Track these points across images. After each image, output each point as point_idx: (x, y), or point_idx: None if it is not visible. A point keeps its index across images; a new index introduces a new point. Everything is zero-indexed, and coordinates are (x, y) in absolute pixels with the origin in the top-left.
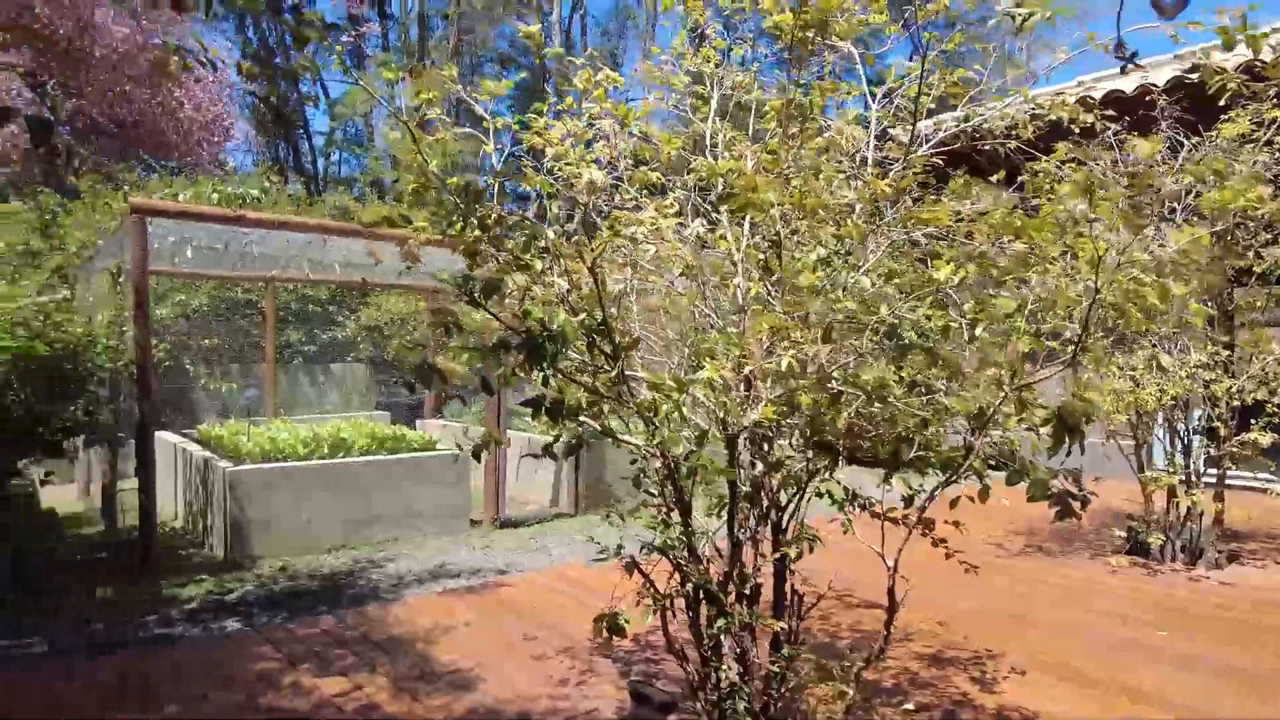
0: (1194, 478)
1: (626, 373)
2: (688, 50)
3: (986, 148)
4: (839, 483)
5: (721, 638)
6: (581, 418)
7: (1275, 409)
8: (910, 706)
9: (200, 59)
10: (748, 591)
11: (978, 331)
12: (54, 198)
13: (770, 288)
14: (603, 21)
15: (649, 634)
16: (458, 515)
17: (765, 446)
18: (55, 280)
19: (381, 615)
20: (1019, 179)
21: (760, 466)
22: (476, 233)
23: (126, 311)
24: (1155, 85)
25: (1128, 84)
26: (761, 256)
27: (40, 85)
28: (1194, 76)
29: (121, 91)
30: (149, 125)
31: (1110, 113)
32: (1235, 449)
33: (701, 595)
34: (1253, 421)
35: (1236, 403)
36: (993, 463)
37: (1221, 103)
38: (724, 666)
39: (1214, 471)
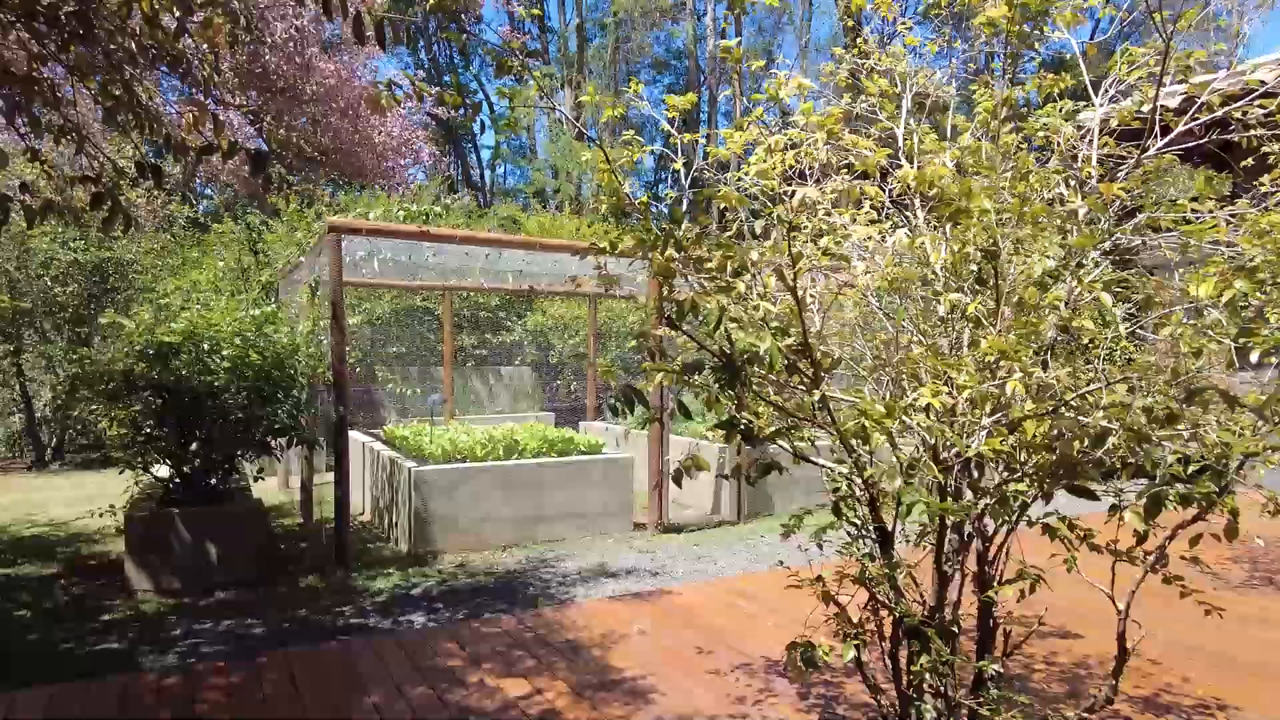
0: None
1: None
2: (872, 47)
3: (1232, 136)
4: (1056, 512)
5: (925, 675)
6: (767, 436)
7: None
8: None
9: (409, 93)
10: (955, 629)
11: (1253, 358)
12: (259, 216)
13: (989, 303)
14: (757, 19)
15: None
16: (622, 518)
17: (975, 473)
18: (264, 294)
19: (557, 618)
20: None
21: (969, 494)
22: (670, 253)
23: (323, 321)
24: None
25: None
26: (974, 268)
27: (259, 121)
28: None
29: (326, 123)
30: (347, 152)
31: None
32: None
33: (903, 630)
34: None
35: None
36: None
37: None
38: (924, 705)
39: None
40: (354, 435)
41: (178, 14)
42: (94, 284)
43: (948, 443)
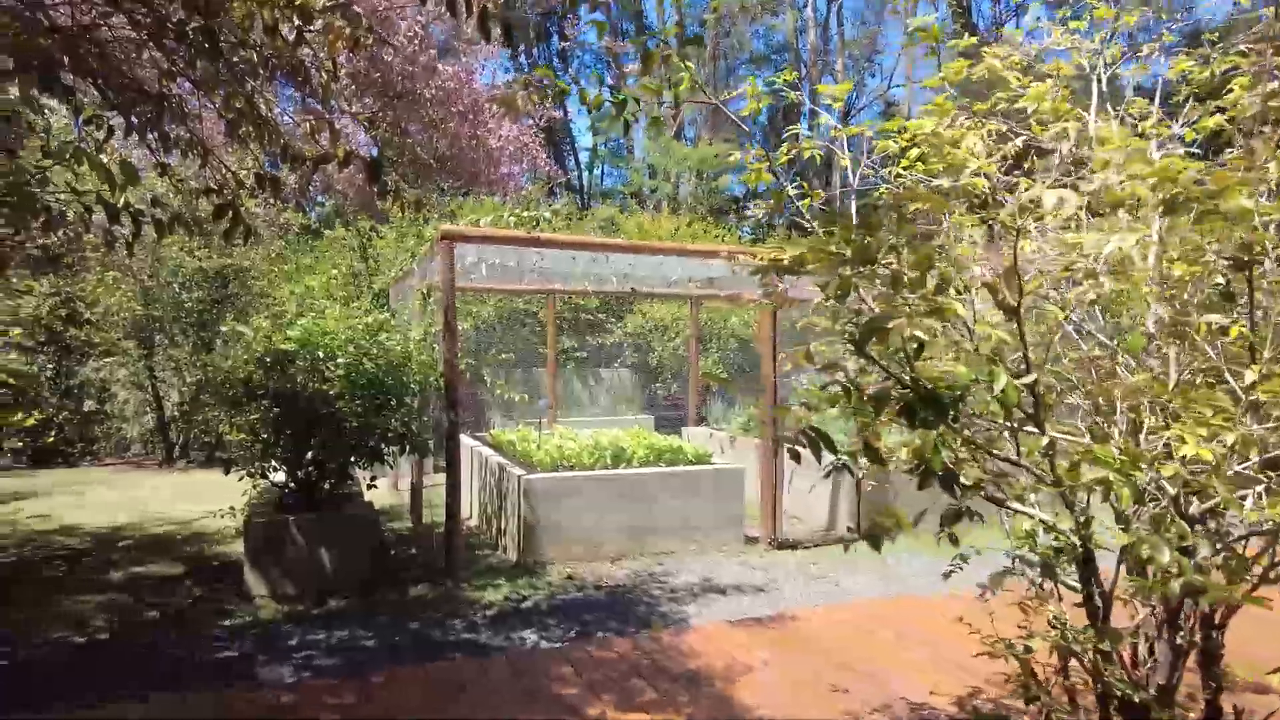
0: None
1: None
2: (1048, 25)
3: None
4: None
5: None
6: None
7: None
8: None
9: (544, 89)
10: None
11: None
12: (369, 222)
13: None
14: (858, 9)
15: (973, 695)
16: (732, 531)
17: (1213, 524)
18: (376, 302)
19: (675, 643)
20: None
21: (1205, 550)
22: (854, 267)
23: (435, 328)
24: None
25: None
26: (1222, 281)
27: (376, 128)
28: None
29: (444, 127)
30: (462, 158)
31: None
32: None
33: (1121, 708)
34: None
35: None
36: None
37: None
38: None
39: None
40: (461, 439)
41: (297, 23)
42: (215, 290)
43: (1208, 498)
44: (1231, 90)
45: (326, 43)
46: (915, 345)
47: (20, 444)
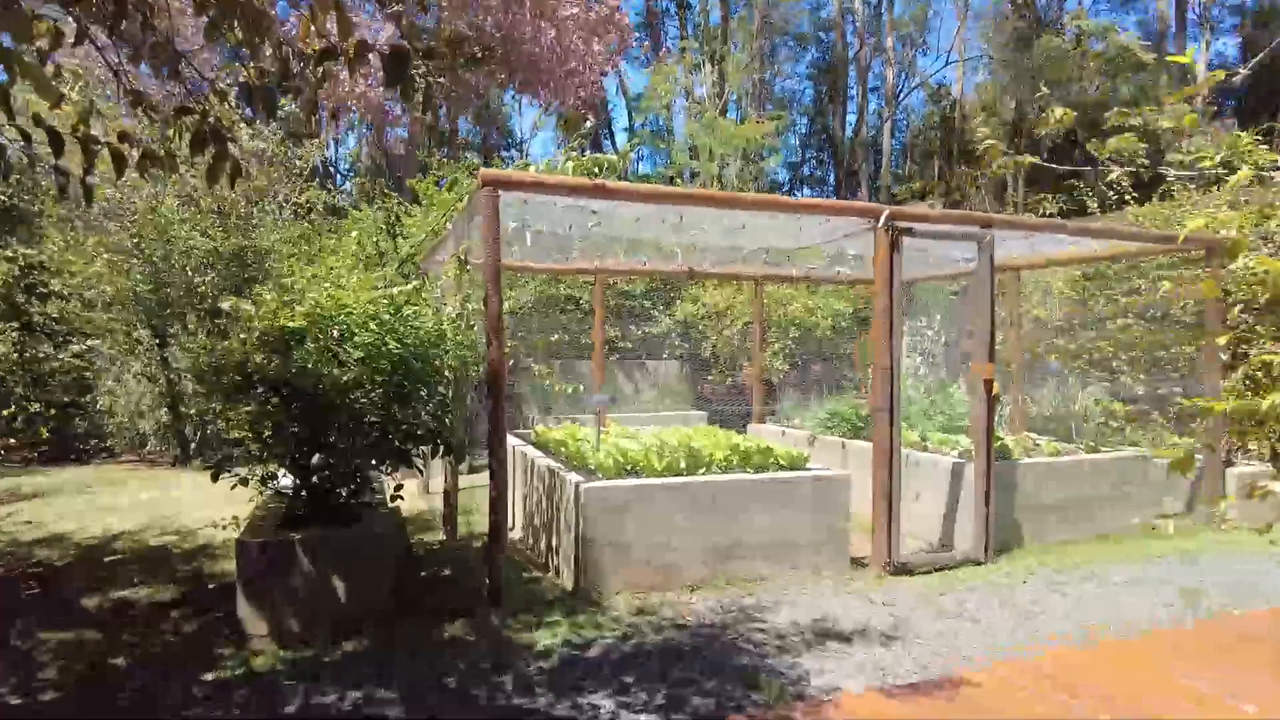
0: None
1: None
2: None
3: None
4: None
5: None
6: None
7: None
8: None
9: None
10: None
11: None
12: (396, 199)
13: None
14: None
15: None
16: (835, 551)
17: None
18: (405, 271)
19: None
20: None
21: None
22: None
23: (474, 304)
24: None
25: None
26: None
27: (394, 8)
28: None
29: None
30: (516, 38)
31: None
32: None
33: None
34: None
35: None
36: None
37: None
38: None
39: None
40: None
41: None
42: (232, 273)
43: None
44: None
45: None
46: None
47: (21, 441)
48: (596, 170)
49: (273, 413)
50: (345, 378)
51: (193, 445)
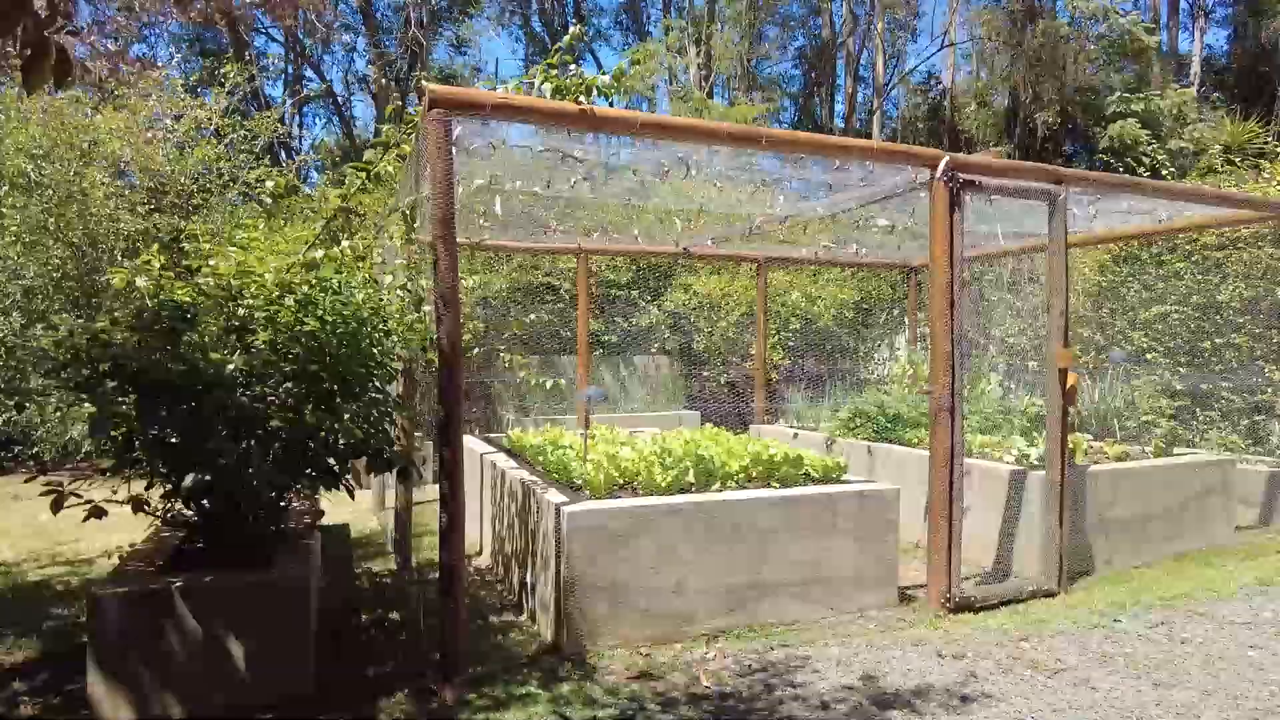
0: None
1: None
2: None
3: None
4: None
5: None
6: None
7: None
8: None
9: None
10: None
11: None
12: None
13: None
14: None
15: None
16: (883, 585)
17: None
18: (334, 230)
19: None
20: None
21: None
22: None
23: (425, 278)
24: None
25: None
26: None
27: None
28: None
29: None
30: None
31: None
32: None
33: None
34: None
35: None
36: None
37: None
38: None
39: None
40: (466, 443)
41: None
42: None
43: None
44: None
45: None
46: None
47: None
48: (582, 94)
49: (123, 413)
50: (231, 366)
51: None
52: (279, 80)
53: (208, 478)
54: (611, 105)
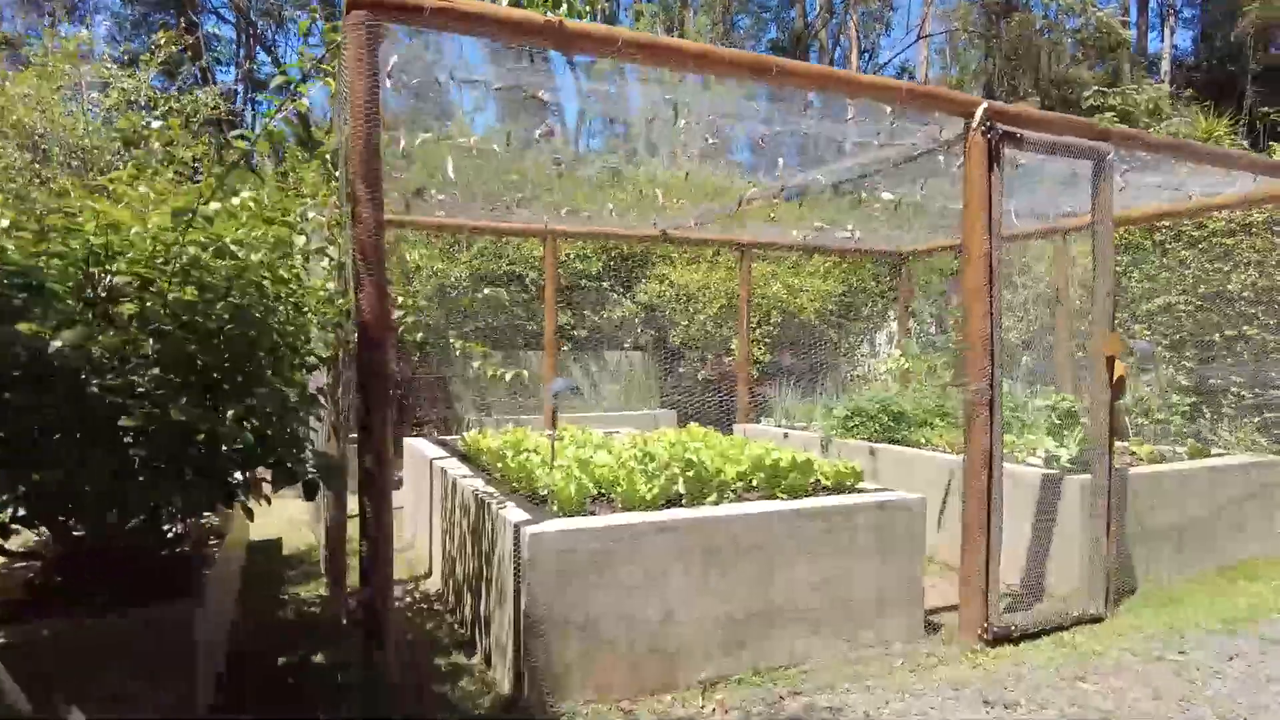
0: None
1: None
2: None
3: None
4: None
5: None
6: None
7: None
8: None
9: None
10: None
11: None
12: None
13: None
14: None
15: None
16: (908, 613)
17: None
18: (233, 185)
19: None
20: None
21: None
22: None
23: (343, 242)
24: None
25: None
26: None
27: None
28: None
29: None
30: None
31: None
32: None
33: None
34: None
35: None
36: None
37: None
38: None
39: None
40: (414, 448)
41: None
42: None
43: None
44: None
45: None
46: None
47: None
48: (549, 8)
49: None
50: (59, 344)
51: None
52: (230, 65)
53: (22, 489)
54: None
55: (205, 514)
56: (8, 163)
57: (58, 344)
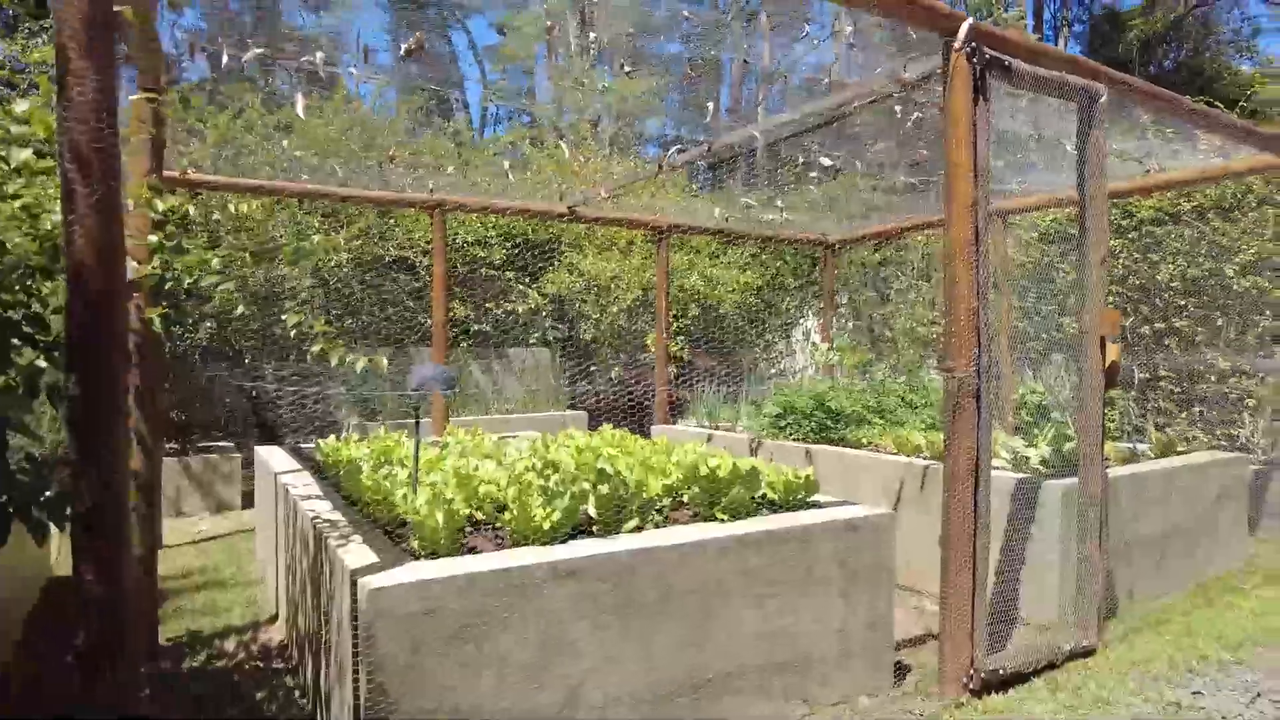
0: None
1: None
2: None
3: None
4: None
5: None
6: None
7: None
8: None
9: None
10: None
11: None
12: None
13: None
14: None
15: None
16: (874, 660)
17: None
18: None
19: None
20: None
21: None
22: None
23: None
24: None
25: None
26: None
27: None
28: None
29: None
30: None
31: None
32: None
33: None
34: None
35: None
36: None
37: None
38: None
39: None
40: (264, 458)
41: None
42: None
43: None
44: None
45: None
46: None
47: None
48: None
49: None
50: None
51: None
52: None
53: None
54: None
55: None
56: None
57: None
